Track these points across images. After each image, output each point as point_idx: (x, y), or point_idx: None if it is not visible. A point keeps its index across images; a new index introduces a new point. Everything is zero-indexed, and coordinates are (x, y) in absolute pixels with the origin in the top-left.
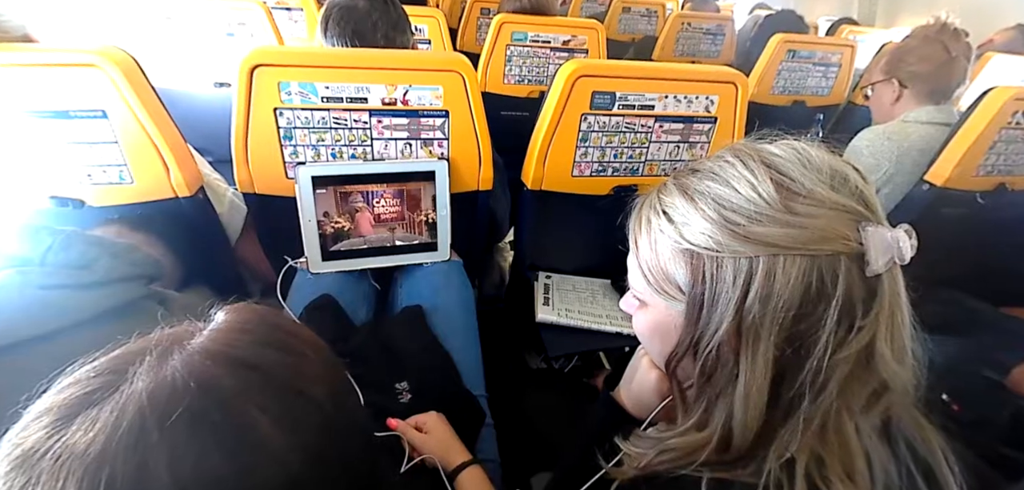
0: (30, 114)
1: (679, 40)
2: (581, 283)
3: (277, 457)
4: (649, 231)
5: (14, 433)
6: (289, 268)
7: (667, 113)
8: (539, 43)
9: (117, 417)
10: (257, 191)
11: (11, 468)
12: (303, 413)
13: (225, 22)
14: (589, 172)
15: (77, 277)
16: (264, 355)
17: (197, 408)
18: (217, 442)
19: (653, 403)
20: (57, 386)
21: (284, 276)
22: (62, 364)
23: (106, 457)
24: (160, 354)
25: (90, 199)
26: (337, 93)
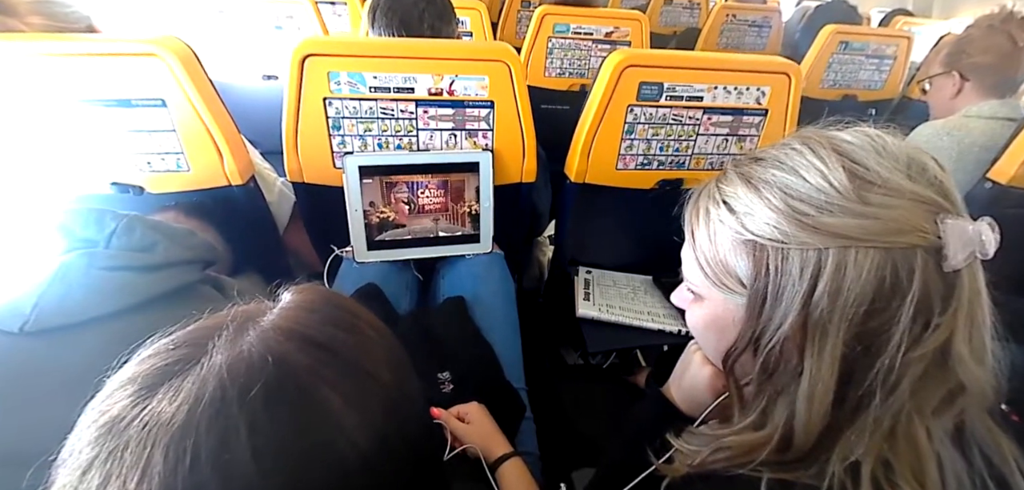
0: (94, 103)
1: (723, 32)
2: (621, 279)
3: (348, 435)
4: (708, 222)
5: (99, 401)
6: (335, 257)
7: (716, 105)
8: (581, 35)
9: (199, 389)
10: (306, 180)
11: (99, 434)
12: (370, 393)
13: (274, 16)
14: (633, 165)
15: (138, 260)
16: (333, 335)
17: (273, 383)
18: (293, 417)
19: (706, 400)
20: (137, 358)
21: (330, 265)
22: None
23: (190, 427)
24: (236, 330)
25: (148, 186)
26: (385, 83)
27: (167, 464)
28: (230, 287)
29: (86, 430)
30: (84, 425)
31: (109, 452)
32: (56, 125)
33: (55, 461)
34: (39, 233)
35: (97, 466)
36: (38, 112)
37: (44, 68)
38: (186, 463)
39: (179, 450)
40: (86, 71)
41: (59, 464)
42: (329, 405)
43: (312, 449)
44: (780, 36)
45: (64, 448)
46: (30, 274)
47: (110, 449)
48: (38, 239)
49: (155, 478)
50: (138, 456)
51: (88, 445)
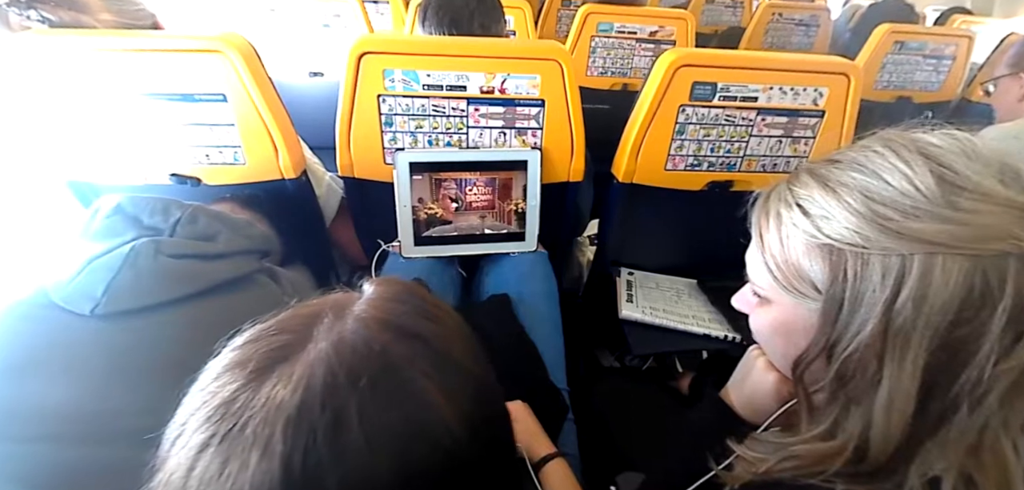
0: (159, 97)
1: (768, 32)
2: (664, 282)
3: (445, 423)
4: (779, 225)
5: (205, 384)
6: (382, 251)
7: (771, 106)
8: (625, 34)
9: (311, 373)
10: (356, 175)
11: (211, 415)
12: (459, 381)
13: (322, 14)
14: (683, 166)
15: (202, 248)
16: (422, 325)
17: (376, 369)
18: (396, 402)
19: (770, 407)
20: (235, 344)
21: (376, 259)
22: (190, 327)
23: (305, 410)
24: (335, 318)
25: (205, 178)
26: (438, 81)
27: (286, 443)
28: (284, 277)
29: (196, 412)
30: (191, 408)
31: (226, 433)
32: (122, 117)
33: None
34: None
35: (214, 445)
36: (106, 104)
37: (113, 62)
38: (303, 443)
39: (298, 430)
40: (153, 66)
41: (165, 443)
42: (427, 394)
43: (415, 435)
44: (828, 36)
45: (169, 429)
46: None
47: (226, 430)
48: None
49: (276, 456)
50: (258, 436)
51: (201, 426)
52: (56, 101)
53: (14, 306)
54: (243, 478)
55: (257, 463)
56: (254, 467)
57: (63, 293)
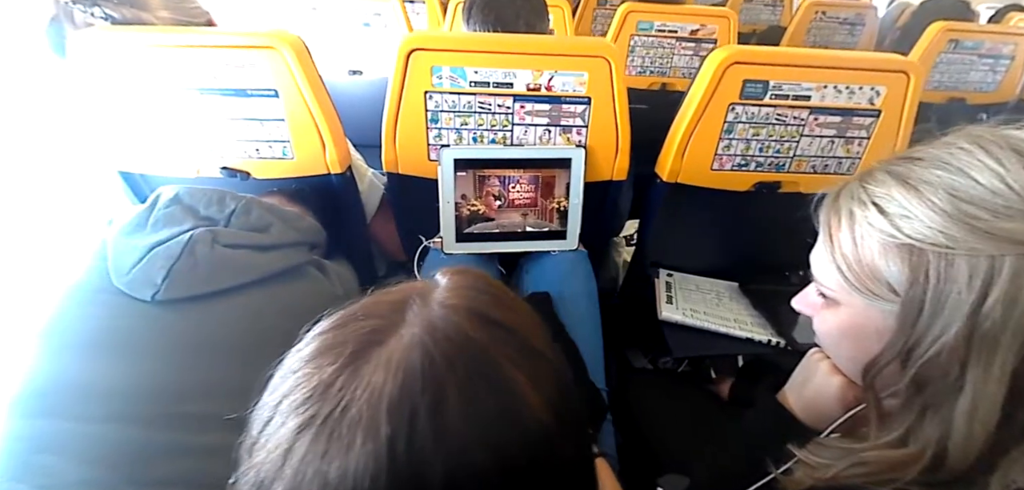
0: (213, 92)
1: (810, 31)
2: (705, 284)
3: (532, 410)
4: (852, 224)
5: (297, 368)
6: (423, 248)
7: (824, 105)
8: (665, 33)
9: (409, 357)
10: (400, 171)
11: (309, 395)
12: (544, 369)
13: (362, 13)
14: (730, 166)
15: (255, 239)
16: (505, 314)
17: (468, 356)
18: (490, 389)
19: (834, 411)
20: (319, 330)
21: (418, 255)
22: (245, 315)
23: (406, 393)
24: (422, 304)
25: (254, 172)
26: (485, 78)
27: (391, 424)
28: (331, 269)
29: (289, 395)
30: (283, 391)
31: (326, 415)
32: (177, 111)
33: (205, 422)
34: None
35: (314, 427)
36: (162, 98)
37: (171, 58)
38: (407, 426)
39: (400, 413)
40: (208, 62)
41: (254, 426)
42: (517, 383)
43: (508, 422)
44: (874, 35)
45: (257, 412)
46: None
47: (327, 412)
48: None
49: (381, 438)
50: (361, 418)
51: (297, 408)
52: (115, 94)
53: (77, 289)
54: (347, 460)
55: (362, 445)
56: (359, 449)
57: (125, 279)
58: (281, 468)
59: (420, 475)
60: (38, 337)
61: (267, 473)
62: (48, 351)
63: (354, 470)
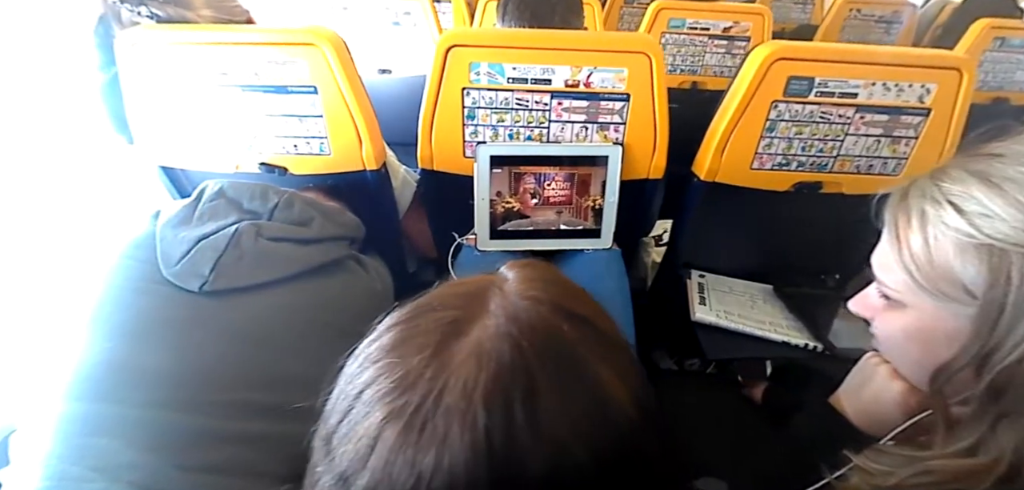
0: (254, 89)
1: (844, 29)
2: (738, 286)
3: (620, 403)
4: (924, 223)
5: (377, 358)
6: (456, 244)
7: (871, 103)
8: (697, 30)
9: (499, 348)
10: (435, 168)
11: (395, 385)
12: (625, 364)
13: (393, 12)
14: (770, 165)
15: (297, 233)
16: (582, 307)
17: (555, 348)
18: (580, 382)
19: (894, 418)
20: (393, 321)
21: (446, 251)
22: (288, 307)
23: (500, 383)
24: (501, 296)
25: (291, 167)
26: (523, 74)
27: (488, 414)
28: (369, 264)
29: (371, 385)
30: (363, 381)
31: (417, 405)
32: (218, 107)
33: (250, 410)
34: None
35: (404, 417)
36: (205, 95)
37: (213, 55)
38: (503, 415)
39: (497, 403)
40: (250, 59)
41: (330, 418)
42: (602, 375)
43: (598, 415)
44: (912, 33)
45: (332, 404)
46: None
47: (417, 402)
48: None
49: (479, 429)
50: (456, 408)
51: (383, 399)
52: (158, 90)
53: (129, 279)
54: (442, 451)
55: (459, 436)
56: (455, 439)
57: (174, 270)
58: (366, 459)
59: (519, 468)
60: (91, 324)
61: (350, 464)
62: (101, 338)
63: (450, 461)
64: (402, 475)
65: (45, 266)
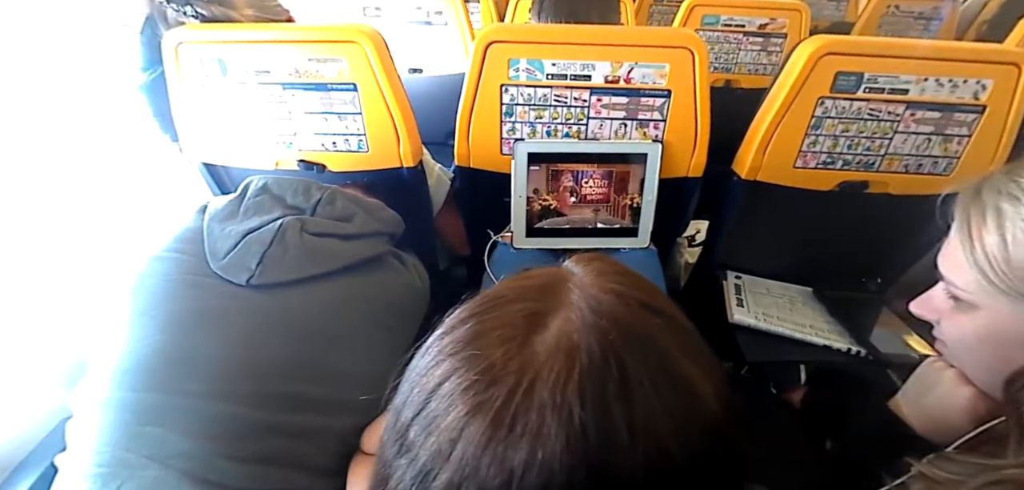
0: (295, 87)
1: (882, 25)
2: (775, 287)
3: (707, 399)
4: (1000, 221)
5: (455, 351)
6: (492, 242)
7: (923, 99)
8: (731, 27)
9: (587, 341)
10: (472, 165)
11: (479, 378)
12: (707, 357)
13: (424, 11)
14: (814, 164)
15: (340, 228)
16: (659, 302)
17: (643, 343)
18: (667, 376)
19: (961, 425)
20: (461, 316)
21: (479, 249)
22: (331, 301)
23: (593, 377)
24: (579, 288)
25: (329, 164)
26: (563, 70)
27: (584, 409)
28: (408, 260)
29: (450, 377)
30: (438, 375)
31: (504, 399)
32: (260, 105)
33: (295, 402)
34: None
35: (491, 411)
36: (247, 93)
37: (256, 54)
38: (599, 410)
39: (592, 398)
40: (292, 58)
41: (402, 411)
42: (689, 370)
43: (685, 411)
44: (953, 29)
45: (407, 398)
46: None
47: (503, 396)
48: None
49: (575, 423)
50: (551, 401)
51: (462, 393)
52: (202, 88)
53: (179, 272)
54: (535, 446)
55: (554, 431)
56: (550, 434)
57: (221, 263)
58: (448, 455)
59: (616, 463)
60: (144, 315)
61: (431, 460)
62: (154, 329)
63: (544, 456)
64: (490, 470)
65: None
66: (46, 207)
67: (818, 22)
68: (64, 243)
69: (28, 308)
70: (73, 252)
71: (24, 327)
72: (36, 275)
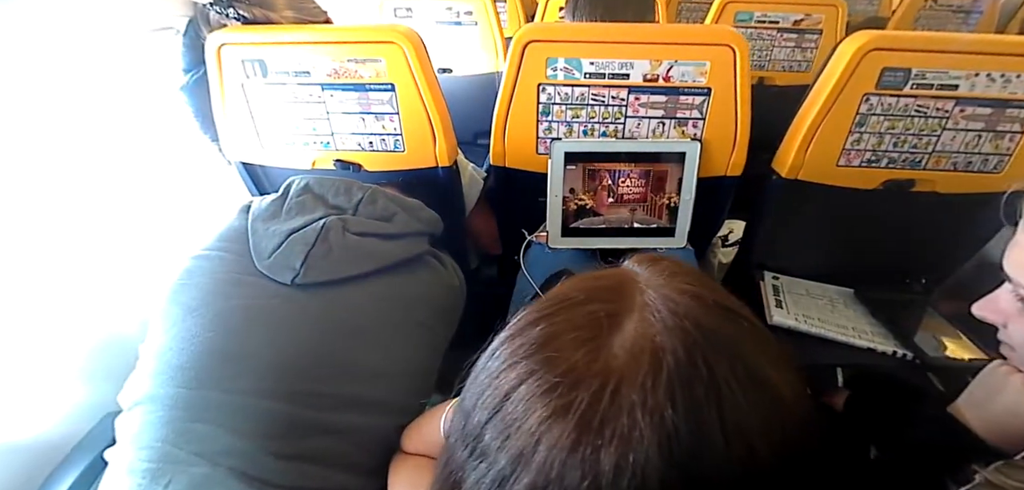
0: (334, 87)
1: (919, 20)
2: (815, 288)
3: (785, 398)
4: None
5: (528, 355)
6: (526, 242)
7: (973, 95)
8: (765, 24)
9: (671, 342)
10: (508, 165)
11: (560, 381)
12: (782, 356)
13: (454, 12)
14: (858, 162)
15: (381, 228)
16: (731, 301)
17: (722, 341)
18: (748, 371)
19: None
20: (531, 318)
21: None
22: (373, 300)
23: (681, 378)
24: (652, 289)
25: (365, 164)
26: (601, 69)
27: (673, 408)
28: (446, 259)
29: (526, 382)
30: (512, 378)
31: (589, 401)
32: (299, 105)
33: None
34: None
35: (575, 414)
36: (287, 93)
37: (296, 55)
38: (688, 408)
39: (680, 397)
40: (331, 58)
41: (472, 414)
42: (769, 372)
43: (769, 414)
44: (993, 23)
45: (477, 400)
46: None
47: (587, 399)
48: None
49: (668, 423)
50: (640, 403)
51: (541, 396)
52: (243, 89)
53: (226, 271)
54: (626, 449)
55: (646, 434)
56: (641, 437)
57: (266, 263)
58: (529, 459)
59: (709, 465)
60: (192, 313)
61: (507, 464)
62: (202, 326)
63: (635, 460)
64: (576, 474)
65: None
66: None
67: (851, 18)
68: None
69: (72, 303)
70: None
71: (68, 322)
72: (79, 271)
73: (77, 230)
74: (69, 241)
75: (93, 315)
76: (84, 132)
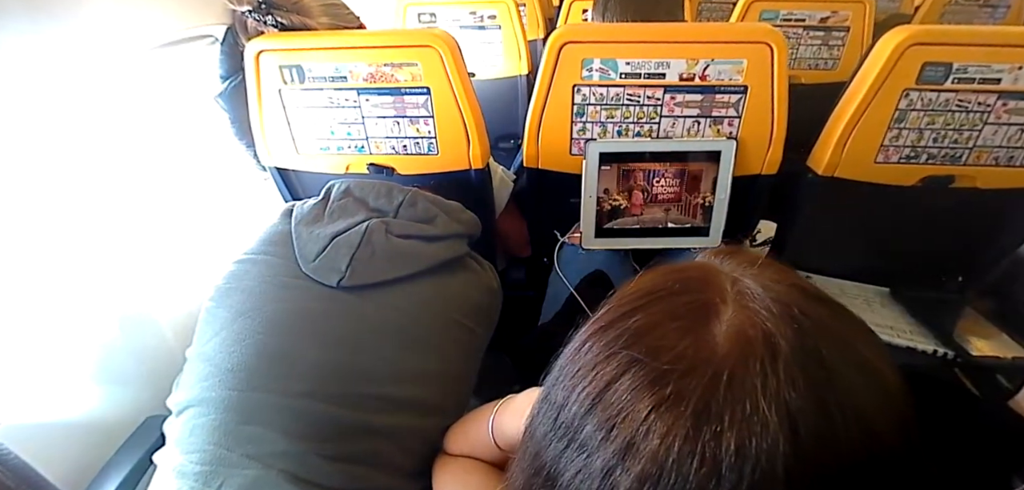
0: (370, 92)
1: (944, 15)
2: (850, 288)
3: (891, 385)
4: None
5: (623, 343)
6: (560, 243)
7: (1017, 88)
8: (791, 22)
9: (782, 329)
10: (541, 166)
11: (667, 370)
12: (879, 343)
13: (478, 16)
14: (897, 159)
15: (423, 230)
16: (824, 293)
17: (827, 328)
18: (856, 357)
19: None
20: (618, 311)
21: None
22: (416, 302)
23: (797, 362)
24: (741, 279)
25: (398, 167)
26: (637, 69)
27: (795, 395)
28: (483, 261)
29: (627, 373)
30: (611, 370)
31: (702, 389)
32: (335, 110)
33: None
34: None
35: (688, 403)
36: (323, 98)
37: (334, 61)
38: (809, 395)
39: (800, 383)
40: (367, 63)
41: (565, 408)
42: (873, 360)
43: (886, 402)
44: (1021, 16)
45: (567, 395)
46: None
47: (701, 387)
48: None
49: (792, 411)
50: (763, 389)
51: (645, 386)
52: (280, 95)
53: (275, 274)
54: (746, 437)
55: (770, 418)
56: (765, 421)
57: (312, 266)
58: (638, 448)
59: (833, 450)
60: (242, 316)
61: (612, 456)
62: (252, 329)
63: (759, 446)
64: (693, 461)
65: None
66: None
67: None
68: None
69: (114, 307)
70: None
71: (110, 325)
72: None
73: (116, 234)
74: (107, 245)
75: (128, 319)
76: (130, 142)
